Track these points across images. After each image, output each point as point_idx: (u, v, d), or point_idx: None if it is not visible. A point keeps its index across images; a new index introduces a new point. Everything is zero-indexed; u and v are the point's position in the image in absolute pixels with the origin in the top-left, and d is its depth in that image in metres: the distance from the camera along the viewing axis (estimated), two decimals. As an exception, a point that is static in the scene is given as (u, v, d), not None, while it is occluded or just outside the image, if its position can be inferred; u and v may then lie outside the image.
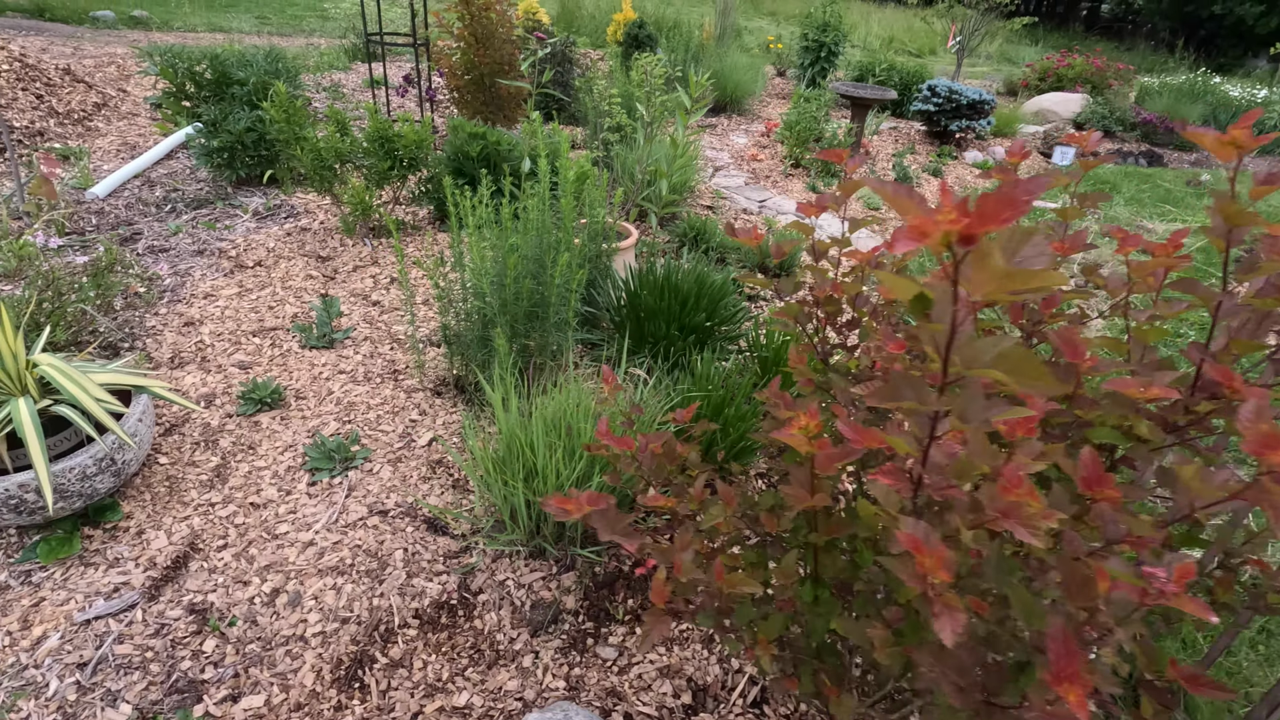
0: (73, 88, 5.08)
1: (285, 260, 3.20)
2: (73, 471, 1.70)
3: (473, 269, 1.95)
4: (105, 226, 3.57)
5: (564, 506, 0.96)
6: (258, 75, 4.79)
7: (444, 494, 2.04)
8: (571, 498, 0.96)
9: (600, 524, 0.97)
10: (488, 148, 3.56)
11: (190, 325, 2.69)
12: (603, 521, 0.97)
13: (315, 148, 3.07)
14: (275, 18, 11.41)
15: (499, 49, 4.89)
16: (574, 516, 0.94)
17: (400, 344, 2.68)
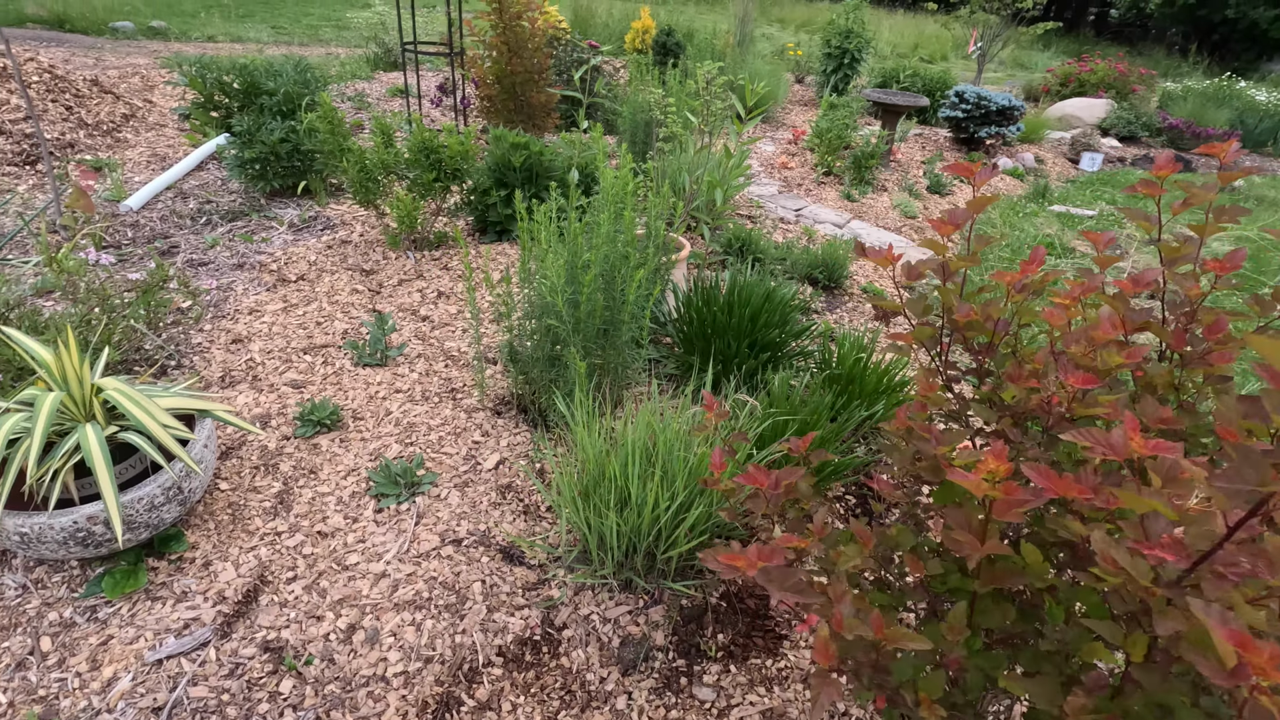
0: (101, 99, 5.04)
1: (328, 274, 3.13)
2: (141, 502, 1.62)
3: (548, 285, 1.87)
4: (141, 239, 3.51)
5: (731, 563, 0.87)
6: (287, 85, 4.75)
7: (515, 521, 1.96)
8: (739, 553, 0.87)
9: (770, 581, 0.88)
10: (530, 158, 3.49)
11: (238, 342, 2.62)
12: (773, 579, 0.88)
13: (361, 160, 3.01)
14: (291, 27, 11.43)
15: (530, 57, 4.84)
16: (745, 573, 0.86)
17: (454, 361, 2.60)
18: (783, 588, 0.88)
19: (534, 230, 2.05)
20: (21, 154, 4.16)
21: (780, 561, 0.87)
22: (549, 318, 1.99)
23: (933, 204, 5.56)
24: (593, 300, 1.95)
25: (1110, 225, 5.45)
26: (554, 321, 1.91)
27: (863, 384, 2.24)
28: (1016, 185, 6.56)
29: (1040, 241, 4.83)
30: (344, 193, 4.36)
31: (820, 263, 3.60)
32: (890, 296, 3.82)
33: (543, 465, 2.14)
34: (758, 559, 0.87)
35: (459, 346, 2.68)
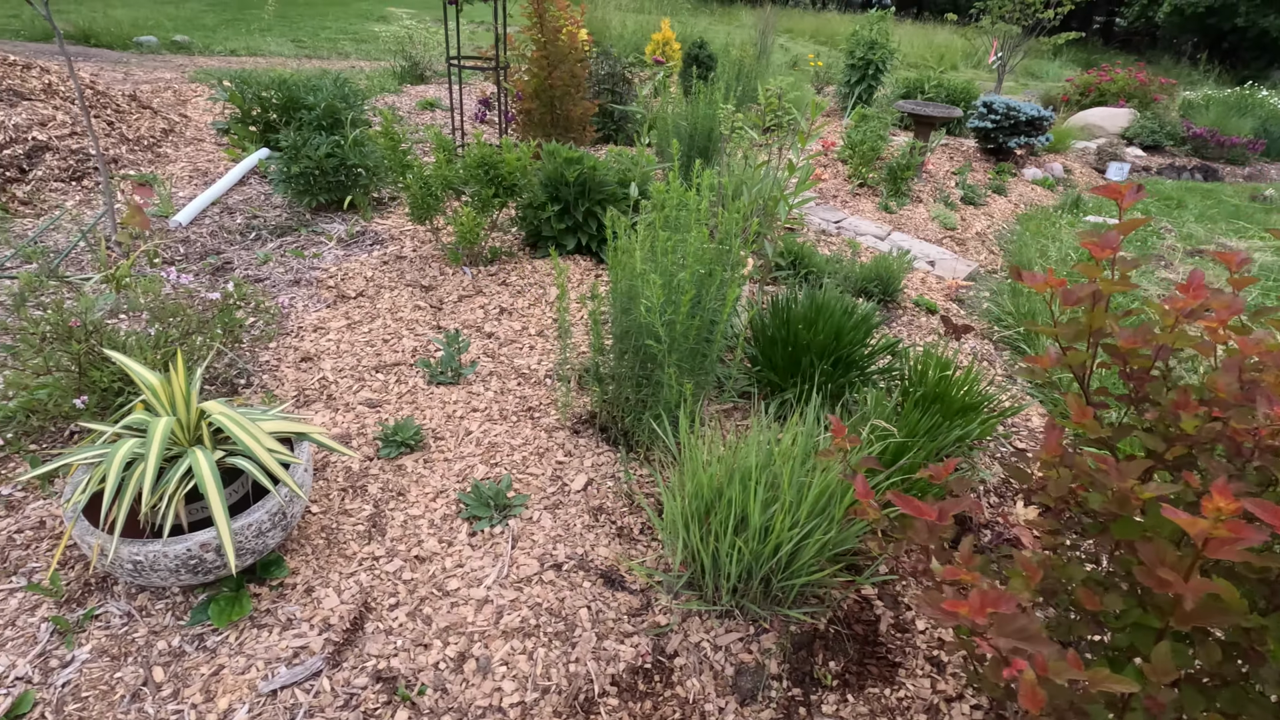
0: (140, 114, 5.06)
1: (388, 290, 3.12)
2: (250, 529, 1.59)
3: (646, 306, 1.85)
4: (194, 255, 3.51)
5: (954, 610, 0.84)
6: (328, 99, 4.76)
7: (611, 544, 1.92)
8: (965, 600, 0.84)
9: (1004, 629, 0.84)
10: (584, 173, 3.48)
11: (308, 360, 2.60)
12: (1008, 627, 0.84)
13: (422, 176, 2.99)
14: (310, 40, 11.50)
15: (569, 70, 4.84)
16: (972, 621, 0.83)
17: (526, 379, 2.58)
18: (1020, 638, 0.84)
19: (624, 248, 2.03)
20: (68, 170, 4.17)
21: (1010, 609, 0.84)
22: (645, 338, 1.96)
23: (968, 214, 5.54)
24: (688, 321, 1.93)
25: (1148, 236, 5.42)
26: (652, 343, 1.89)
27: (948, 402, 2.21)
28: (1047, 195, 6.54)
29: (1082, 253, 4.80)
30: (388, 207, 4.35)
31: (875, 276, 3.58)
32: (942, 311, 3.79)
33: (630, 487, 2.11)
34: (988, 605, 0.84)
35: (529, 364, 2.66)
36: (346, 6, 17.13)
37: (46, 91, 4.42)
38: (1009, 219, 5.68)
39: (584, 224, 3.52)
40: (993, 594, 0.85)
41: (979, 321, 3.74)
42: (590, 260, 3.61)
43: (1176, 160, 8.57)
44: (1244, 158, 8.82)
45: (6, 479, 2.00)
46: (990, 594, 0.85)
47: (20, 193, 3.89)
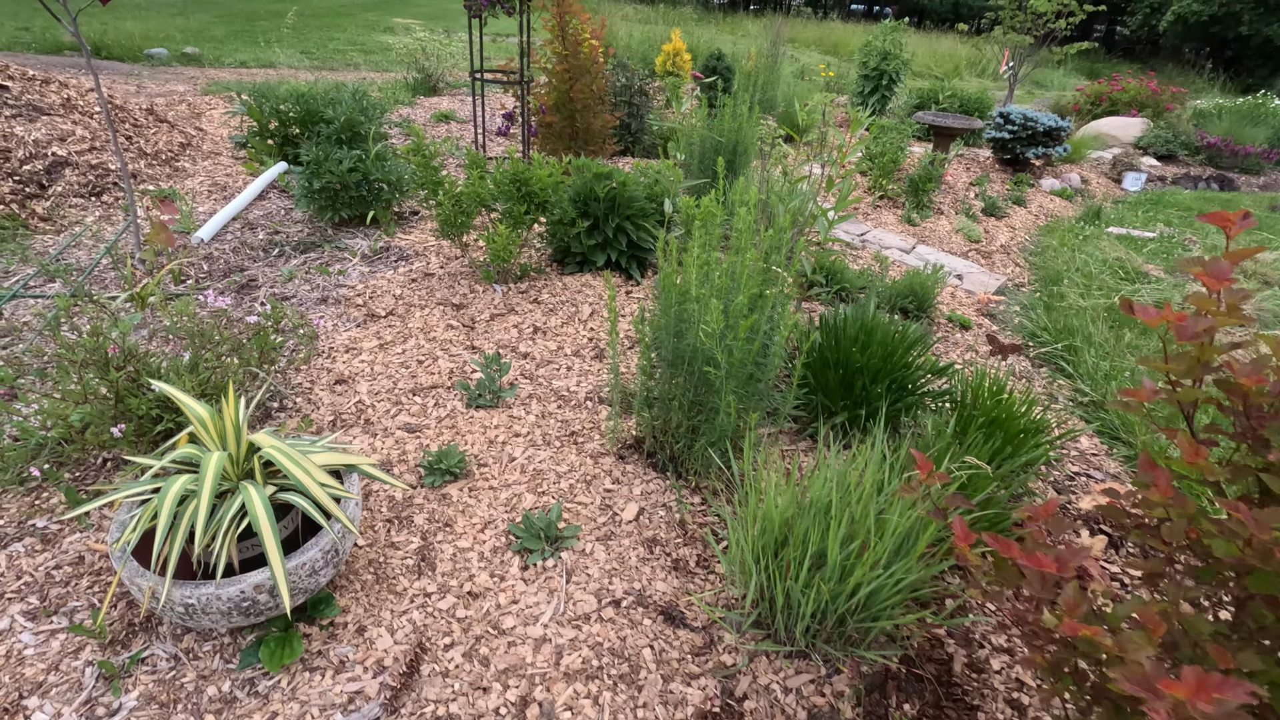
0: (157, 128, 5.02)
1: (418, 309, 3.06)
2: (303, 568, 1.53)
3: (708, 332, 1.79)
4: (217, 273, 3.45)
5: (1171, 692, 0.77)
6: (347, 113, 4.72)
7: (668, 578, 1.86)
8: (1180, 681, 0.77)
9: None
10: (614, 189, 3.43)
11: (343, 383, 2.54)
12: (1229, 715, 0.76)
13: (454, 193, 2.94)
14: (318, 52, 11.50)
15: (591, 83, 4.81)
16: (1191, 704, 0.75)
17: (566, 401, 2.52)
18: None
19: (669, 272, 1.97)
20: (88, 185, 4.12)
21: (1240, 697, 0.76)
22: (701, 363, 1.90)
23: (991, 226, 5.49)
24: (746, 347, 1.86)
25: (1174, 248, 5.37)
26: (711, 370, 1.83)
27: (1008, 426, 2.14)
28: (1067, 206, 6.50)
29: (1110, 266, 4.75)
30: (409, 221, 4.31)
31: (908, 292, 3.52)
32: (987, 330, 3.73)
33: (683, 516, 2.05)
34: (1201, 689, 0.76)
35: (568, 386, 2.60)
36: (353, 18, 17.18)
37: (65, 106, 4.39)
38: (1031, 231, 5.63)
39: (614, 240, 3.47)
40: (1214, 680, 0.77)
41: (1013, 337, 3.68)
42: (620, 276, 3.55)
43: (1191, 170, 8.54)
44: (1259, 167, 8.78)
45: (41, 509, 1.93)
46: (1213, 680, 0.77)
47: (40, 209, 3.84)
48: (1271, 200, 7.51)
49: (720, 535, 2.00)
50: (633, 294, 3.40)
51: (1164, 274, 4.71)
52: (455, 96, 7.90)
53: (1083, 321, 3.63)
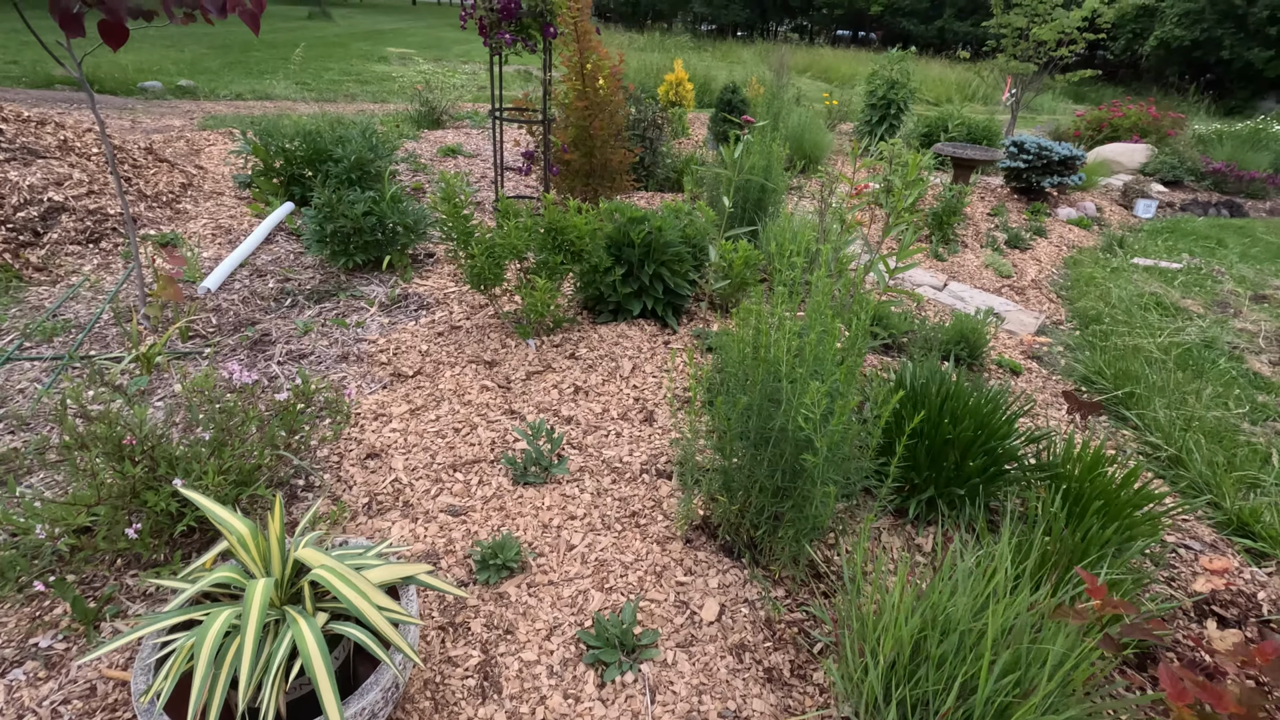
0: (157, 168, 4.82)
1: (447, 367, 2.85)
2: (363, 713, 1.31)
3: (807, 418, 1.59)
4: (228, 327, 3.23)
5: None
6: (357, 151, 4.55)
7: (764, 693, 1.64)
8: None
9: None
10: (650, 234, 3.25)
11: (375, 457, 2.32)
12: None
13: (487, 243, 2.75)
14: (315, 83, 11.37)
15: (609, 119, 4.66)
16: None
17: (620, 475, 2.31)
18: None
19: (743, 339, 1.78)
20: (85, 231, 3.91)
21: None
22: (794, 450, 1.71)
23: (1017, 259, 5.37)
24: (845, 431, 1.67)
25: (1203, 279, 5.27)
26: (809, 458, 1.63)
27: (1113, 503, 1.96)
28: (1086, 236, 6.40)
29: (1146, 301, 4.62)
30: (424, 265, 4.11)
31: (959, 338, 3.35)
32: (1026, 370, 3.57)
33: (768, 615, 1.83)
34: None
35: (619, 456, 2.39)
36: (346, 47, 17.13)
37: (62, 148, 4.18)
38: (1056, 263, 5.52)
39: (650, 287, 3.28)
40: None
41: (1062, 380, 3.51)
42: (655, 324, 3.36)
43: (1199, 195, 8.52)
44: (1264, 192, 8.79)
45: (45, 624, 1.69)
46: None
47: (35, 258, 3.62)
48: (1284, 226, 7.47)
49: (813, 636, 1.79)
50: (671, 344, 3.21)
51: (1202, 309, 4.58)
52: (460, 129, 7.76)
53: (1138, 365, 3.47)
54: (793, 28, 39.95)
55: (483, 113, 9.03)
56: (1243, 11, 20.57)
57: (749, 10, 34.18)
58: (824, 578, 1.95)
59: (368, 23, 24.78)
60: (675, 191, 5.99)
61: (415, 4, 44.29)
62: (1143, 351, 3.72)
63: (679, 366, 3.00)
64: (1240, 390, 3.43)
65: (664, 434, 2.53)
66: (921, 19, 31.54)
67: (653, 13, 32.55)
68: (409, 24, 26.14)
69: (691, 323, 3.47)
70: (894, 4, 31.97)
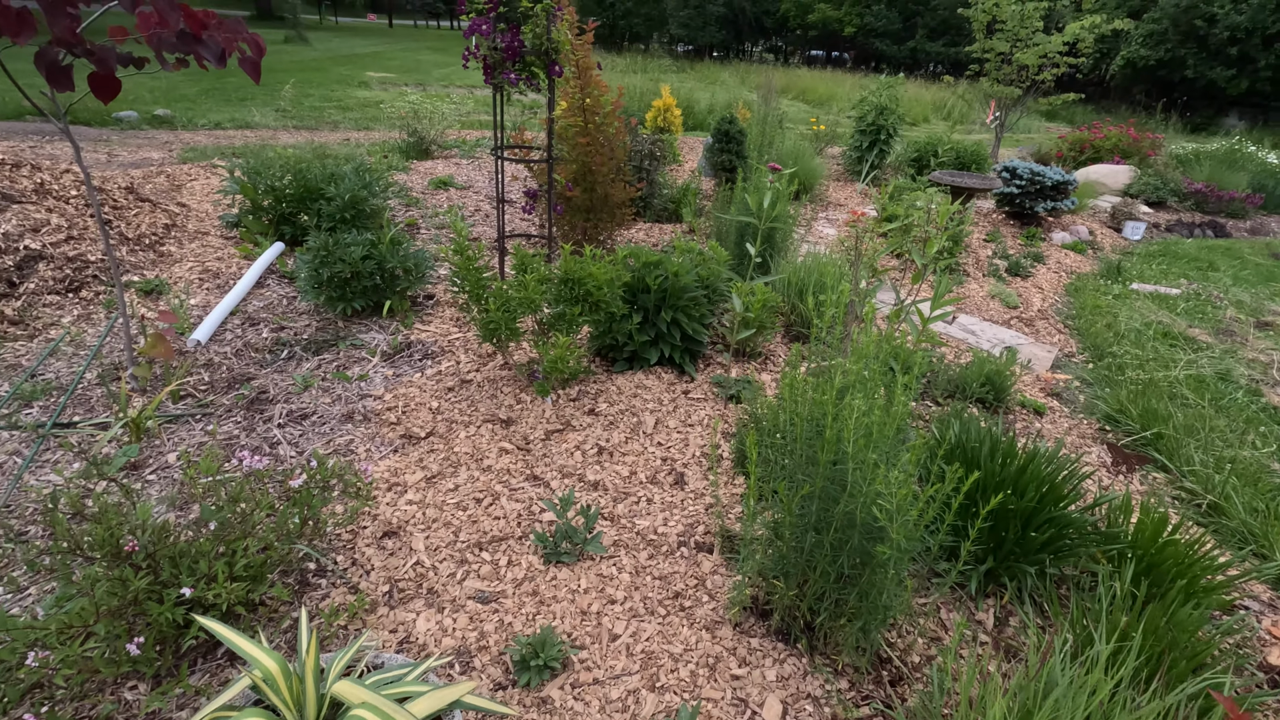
0: (139, 208, 4.62)
1: (461, 427, 2.70)
2: None
3: (884, 508, 1.47)
4: (221, 384, 3.05)
5: None
6: (351, 190, 4.40)
7: (841, 808, 1.50)
8: None
9: None
10: (665, 279, 3.14)
11: (392, 535, 2.15)
12: None
13: (503, 298, 2.61)
14: (295, 110, 11.18)
15: (611, 155, 4.57)
16: None
17: (657, 548, 2.16)
18: None
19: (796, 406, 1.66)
20: (64, 280, 3.70)
21: None
22: (864, 539, 1.58)
23: (1019, 288, 5.34)
24: (918, 517, 1.55)
25: (1203, 305, 5.28)
26: (884, 549, 1.51)
27: (1185, 574, 1.86)
28: (1082, 261, 6.42)
29: (1155, 330, 4.60)
30: (425, 308, 3.96)
31: (983, 379, 3.27)
32: (1049, 410, 3.50)
33: (834, 713, 1.70)
34: None
35: (653, 526, 2.25)
36: (325, 72, 16.96)
37: (39, 192, 3.97)
38: (1059, 291, 5.50)
39: (667, 334, 3.17)
40: None
41: (1085, 420, 3.45)
42: (673, 373, 3.24)
43: (1182, 216, 8.64)
44: (1243, 211, 8.95)
45: (33, 757, 1.50)
46: None
47: (10, 310, 3.40)
48: (1269, 246, 7.59)
49: (885, 736, 1.66)
50: (691, 393, 3.09)
51: (1210, 338, 4.57)
52: (449, 159, 7.63)
53: (1162, 402, 3.41)
54: (767, 48, 40.57)
55: (471, 141, 8.91)
56: (1204, 32, 21.25)
57: (724, 32, 34.63)
58: (888, 662, 1.82)
59: (344, 46, 24.62)
60: (673, 222, 5.91)
61: (391, 25, 44.27)
62: (1161, 386, 3.67)
63: (702, 419, 2.87)
64: (1265, 427, 3.38)
65: (697, 498, 2.40)
66: (894, 40, 32.17)
67: (629, 34, 32.81)
68: (386, 47, 26.04)
69: (709, 369, 3.35)
70: (867, 25, 32.60)
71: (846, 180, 8.70)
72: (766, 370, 3.40)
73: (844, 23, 32.76)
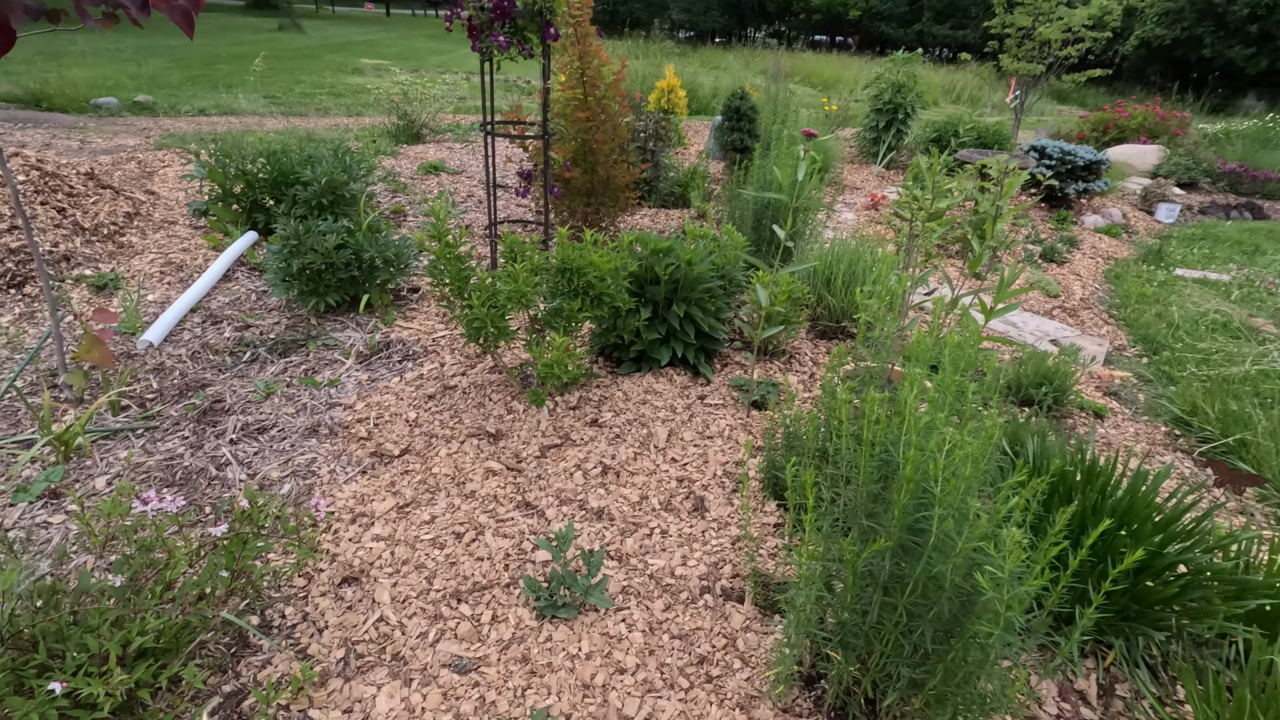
0: (99, 195, 4.23)
1: (442, 441, 2.31)
2: None
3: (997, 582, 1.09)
4: (171, 393, 2.67)
5: None
6: (328, 173, 4.00)
7: None
8: None
9: None
10: (677, 268, 2.74)
11: (351, 582, 1.77)
12: None
13: (489, 291, 2.22)
14: (285, 96, 10.75)
15: (614, 132, 4.16)
16: None
17: (675, 596, 1.78)
18: None
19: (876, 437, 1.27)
20: (5, 275, 3.31)
21: None
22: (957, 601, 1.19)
23: (1056, 274, 4.93)
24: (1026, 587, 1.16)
25: (1259, 292, 4.85)
26: (985, 627, 1.12)
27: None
28: (1118, 245, 6.00)
29: (1211, 320, 4.19)
30: (408, 302, 3.57)
31: (1040, 379, 2.88)
32: (1110, 412, 3.10)
33: (911, 823, 1.32)
34: None
35: (671, 566, 1.87)
36: (318, 59, 16.50)
37: (-22, 177, 3.58)
38: (1097, 278, 5.08)
39: (680, 331, 2.77)
40: None
41: (1151, 423, 3.05)
42: (687, 374, 2.85)
43: (1216, 198, 8.19)
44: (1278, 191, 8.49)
45: None
46: None
47: (-61, 310, 3.03)
48: (1313, 229, 7.14)
49: None
50: (707, 399, 2.70)
51: (1276, 329, 4.16)
52: (441, 143, 7.22)
53: (1241, 402, 3.01)
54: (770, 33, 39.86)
55: (465, 125, 8.49)
56: (1222, 10, 20.60)
57: (726, 16, 34.01)
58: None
59: (340, 34, 24.10)
60: (680, 207, 5.50)
61: (389, 14, 43.62)
62: (1234, 383, 3.26)
63: (722, 430, 2.48)
64: (1359, 431, 2.98)
65: (721, 529, 2.01)
66: (900, 23, 31.52)
67: (630, 20, 32.19)
68: (382, 35, 25.53)
69: (726, 370, 2.96)
70: (872, 8, 31.95)
71: (861, 163, 8.27)
72: (792, 371, 3.01)
73: (848, 6, 32.11)
